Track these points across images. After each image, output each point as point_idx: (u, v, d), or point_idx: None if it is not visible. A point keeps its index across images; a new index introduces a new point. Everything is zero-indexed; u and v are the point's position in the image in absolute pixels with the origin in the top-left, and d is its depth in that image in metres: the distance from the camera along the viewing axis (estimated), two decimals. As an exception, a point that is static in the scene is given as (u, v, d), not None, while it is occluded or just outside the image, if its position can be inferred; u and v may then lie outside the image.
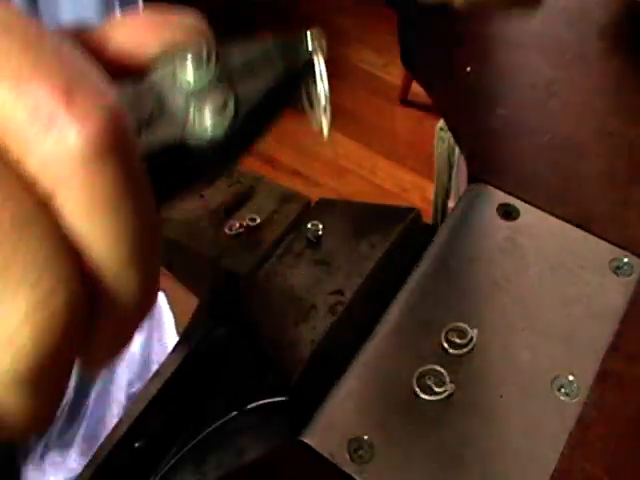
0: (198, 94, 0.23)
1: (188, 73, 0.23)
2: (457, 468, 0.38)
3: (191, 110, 0.23)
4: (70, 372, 0.20)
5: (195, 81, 0.23)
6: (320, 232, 0.48)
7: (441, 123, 0.99)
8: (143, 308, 0.21)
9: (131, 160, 0.19)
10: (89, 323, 0.19)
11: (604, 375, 0.41)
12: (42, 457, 0.71)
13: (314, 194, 0.52)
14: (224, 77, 0.24)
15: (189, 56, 0.23)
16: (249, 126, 0.24)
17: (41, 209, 0.18)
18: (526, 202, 0.50)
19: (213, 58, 0.23)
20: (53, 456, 0.73)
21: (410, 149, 2.19)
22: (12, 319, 0.17)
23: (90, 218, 0.18)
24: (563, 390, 0.41)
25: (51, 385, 0.19)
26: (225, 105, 0.23)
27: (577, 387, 0.41)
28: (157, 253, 0.21)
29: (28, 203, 0.18)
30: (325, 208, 0.50)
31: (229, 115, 0.23)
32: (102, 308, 0.20)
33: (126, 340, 0.22)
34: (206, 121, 0.23)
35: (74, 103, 0.18)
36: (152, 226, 0.20)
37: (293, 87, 0.25)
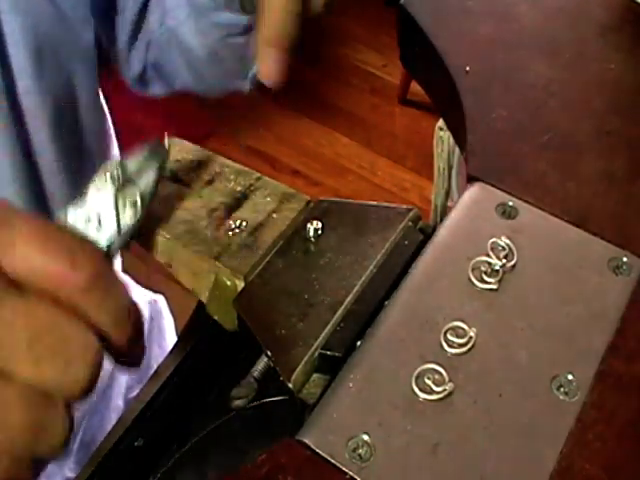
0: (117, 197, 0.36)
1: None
2: (456, 467, 0.38)
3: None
4: None
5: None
6: (320, 232, 0.48)
7: (441, 123, 0.99)
8: None
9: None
10: None
11: (603, 375, 0.42)
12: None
13: (314, 194, 0.52)
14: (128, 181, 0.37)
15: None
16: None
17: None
18: (525, 202, 0.50)
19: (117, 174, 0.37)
20: (49, 467, 0.72)
21: (410, 149, 2.19)
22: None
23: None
24: (562, 389, 0.41)
25: None
26: (135, 201, 0.37)
27: (576, 386, 0.41)
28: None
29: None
30: (325, 208, 0.50)
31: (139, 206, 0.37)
32: None
33: None
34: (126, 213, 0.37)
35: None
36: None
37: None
